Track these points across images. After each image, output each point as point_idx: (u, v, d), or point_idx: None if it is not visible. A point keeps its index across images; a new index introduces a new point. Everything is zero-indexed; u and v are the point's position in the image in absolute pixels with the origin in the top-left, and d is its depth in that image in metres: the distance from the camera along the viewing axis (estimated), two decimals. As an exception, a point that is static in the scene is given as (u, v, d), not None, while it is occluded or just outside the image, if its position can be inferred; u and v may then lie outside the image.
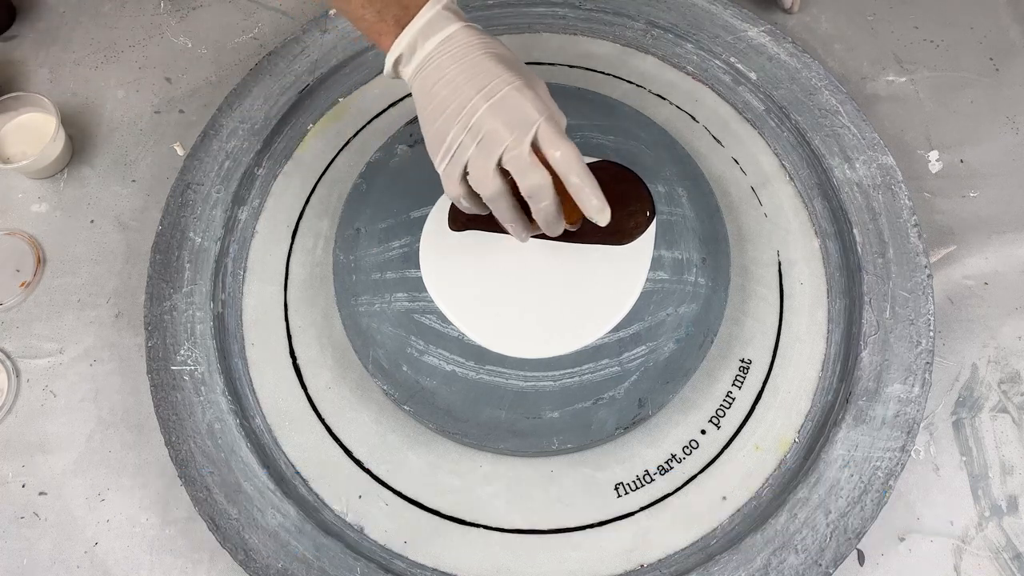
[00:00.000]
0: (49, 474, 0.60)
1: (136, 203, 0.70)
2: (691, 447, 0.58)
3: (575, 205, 0.50)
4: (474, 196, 0.52)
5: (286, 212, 0.68)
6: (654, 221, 0.61)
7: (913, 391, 0.58)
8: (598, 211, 0.49)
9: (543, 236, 0.56)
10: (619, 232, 0.60)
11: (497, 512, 0.57)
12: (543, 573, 0.55)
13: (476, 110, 0.48)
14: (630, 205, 0.61)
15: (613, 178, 0.62)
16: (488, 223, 0.57)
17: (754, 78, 0.71)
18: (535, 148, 0.48)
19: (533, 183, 0.48)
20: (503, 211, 0.52)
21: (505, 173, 0.49)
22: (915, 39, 0.76)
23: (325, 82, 0.72)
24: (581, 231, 0.57)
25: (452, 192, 0.51)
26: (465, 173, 0.50)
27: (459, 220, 0.61)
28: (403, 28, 0.50)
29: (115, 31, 0.79)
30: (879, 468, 0.56)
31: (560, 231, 0.53)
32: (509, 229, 0.54)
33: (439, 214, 0.62)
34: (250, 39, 0.79)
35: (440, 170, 0.51)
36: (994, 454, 0.59)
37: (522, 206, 0.52)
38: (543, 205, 0.50)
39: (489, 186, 0.49)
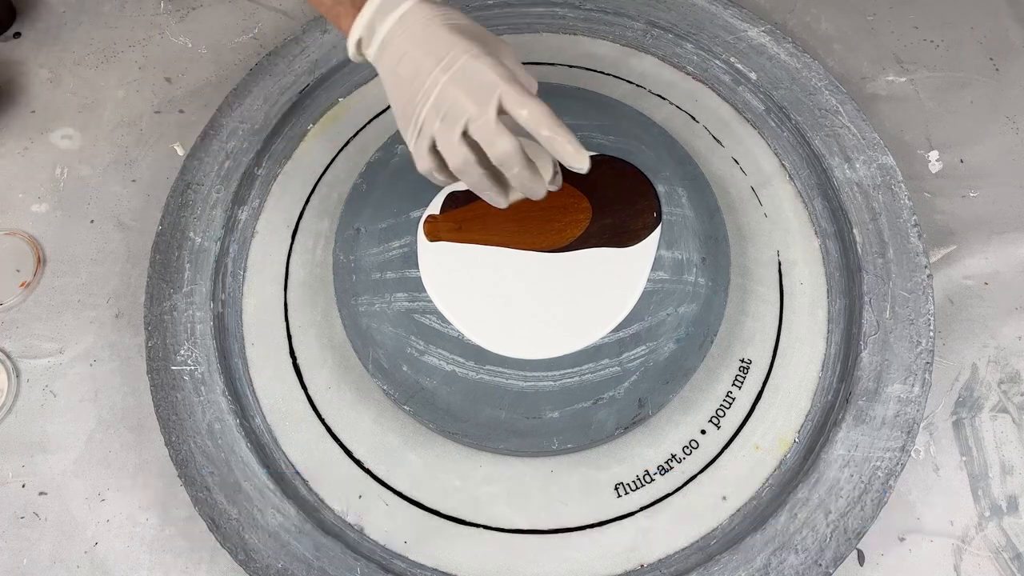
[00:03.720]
0: (49, 474, 0.60)
1: (136, 203, 0.70)
2: (691, 447, 0.58)
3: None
4: (445, 169, 0.50)
5: (286, 212, 0.68)
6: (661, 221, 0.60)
7: (913, 391, 0.58)
8: (575, 157, 0.46)
9: (543, 249, 0.55)
10: (625, 233, 0.59)
11: (497, 512, 0.57)
12: (543, 573, 0.55)
13: (437, 83, 0.47)
14: (636, 204, 0.60)
15: (616, 173, 0.62)
16: (458, 235, 0.57)
17: (754, 78, 0.71)
18: (506, 113, 0.47)
19: (499, 151, 0.47)
20: (475, 180, 0.50)
21: (475, 143, 0.48)
22: (915, 39, 0.76)
23: (325, 82, 0.72)
24: (587, 234, 0.56)
25: (423, 167, 0.50)
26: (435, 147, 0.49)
27: (431, 232, 0.61)
28: (359, 9, 0.49)
29: (115, 31, 0.79)
30: (879, 468, 0.56)
31: (542, 194, 0.50)
32: (485, 198, 0.52)
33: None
34: (250, 39, 0.79)
35: (411, 147, 0.50)
36: (994, 454, 0.59)
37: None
38: (515, 172, 0.48)
39: (455, 157, 0.48)
